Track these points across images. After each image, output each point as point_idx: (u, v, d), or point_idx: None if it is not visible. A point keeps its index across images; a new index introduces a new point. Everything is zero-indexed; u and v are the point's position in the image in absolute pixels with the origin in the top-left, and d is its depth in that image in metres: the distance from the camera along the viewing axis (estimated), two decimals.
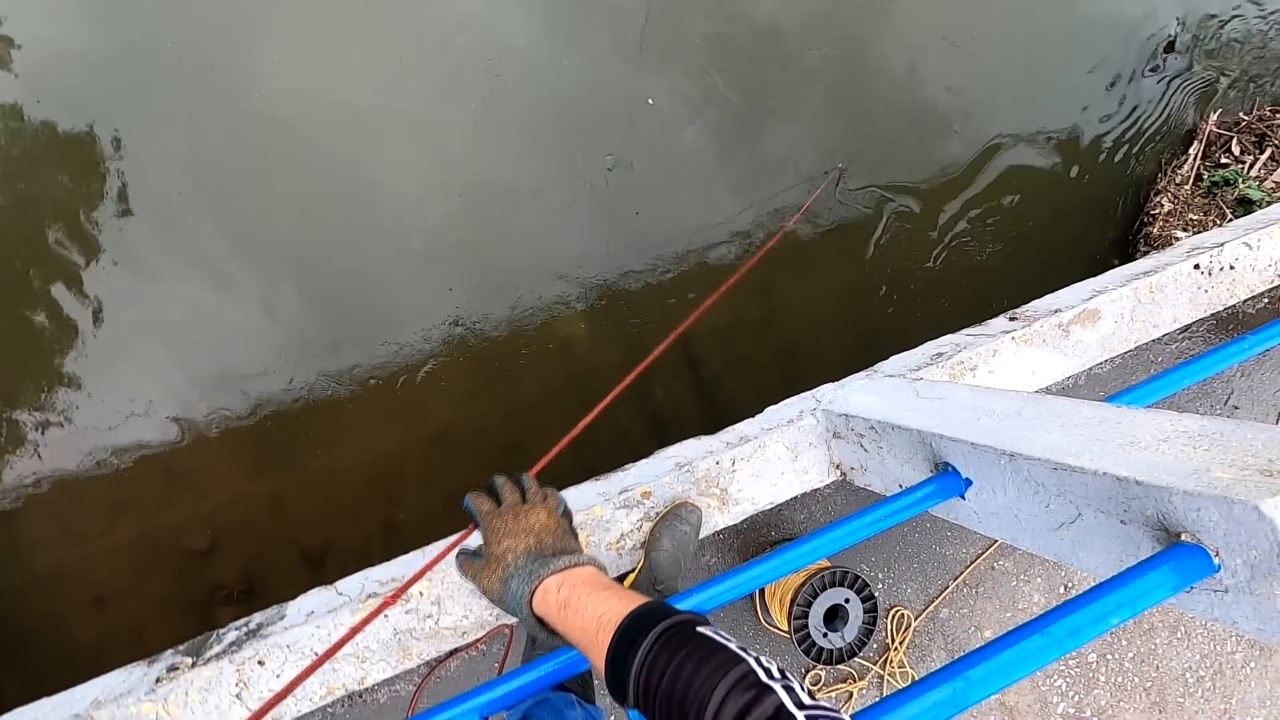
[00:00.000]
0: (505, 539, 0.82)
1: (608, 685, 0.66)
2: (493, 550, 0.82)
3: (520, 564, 0.79)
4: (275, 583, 2.56)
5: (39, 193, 2.41)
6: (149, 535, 2.51)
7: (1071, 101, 3.12)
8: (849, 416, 1.58)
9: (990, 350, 1.85)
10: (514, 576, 0.79)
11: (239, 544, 2.57)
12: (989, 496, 1.21)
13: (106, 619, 2.49)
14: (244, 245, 2.52)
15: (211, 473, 2.56)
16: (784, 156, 2.88)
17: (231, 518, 2.56)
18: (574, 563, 0.78)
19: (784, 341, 2.92)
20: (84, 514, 2.48)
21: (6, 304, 2.40)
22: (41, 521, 2.45)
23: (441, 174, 2.65)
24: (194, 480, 2.54)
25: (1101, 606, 0.81)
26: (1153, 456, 0.95)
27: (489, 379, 2.71)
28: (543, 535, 0.83)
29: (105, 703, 1.39)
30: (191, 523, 2.54)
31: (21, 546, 2.44)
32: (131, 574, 2.50)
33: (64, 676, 2.40)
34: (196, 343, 2.53)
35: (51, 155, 2.41)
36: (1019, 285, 3.05)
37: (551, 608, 0.74)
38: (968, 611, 1.94)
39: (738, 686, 0.54)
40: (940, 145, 3.01)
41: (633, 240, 2.79)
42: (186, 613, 2.54)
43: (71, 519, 2.47)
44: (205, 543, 2.55)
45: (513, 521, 0.84)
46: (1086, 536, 1.03)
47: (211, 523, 2.55)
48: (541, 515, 0.85)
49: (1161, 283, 2.01)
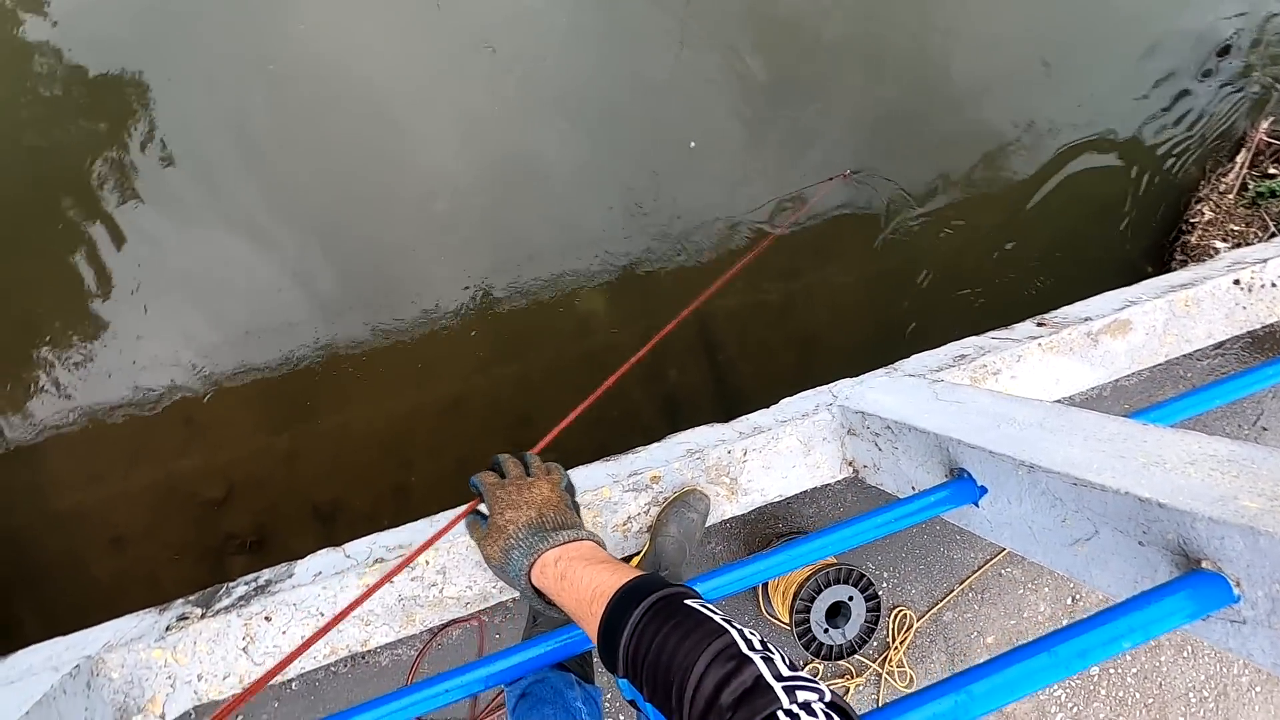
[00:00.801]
0: (508, 510, 0.84)
1: (600, 654, 0.68)
2: (495, 521, 0.84)
3: (521, 536, 0.81)
4: (286, 536, 2.61)
5: (77, 138, 2.43)
6: (166, 482, 2.56)
7: (1115, 102, 3.02)
8: (865, 414, 1.56)
9: (1014, 355, 1.81)
10: (515, 548, 0.81)
11: (253, 496, 2.61)
12: (1004, 506, 1.19)
13: (123, 560, 2.56)
14: (273, 202, 2.54)
15: (230, 425, 2.60)
16: (817, 146, 2.83)
17: (247, 470, 2.61)
18: (573, 537, 0.80)
19: (802, 329, 2.89)
20: (105, 457, 2.53)
21: (43, 245, 2.44)
22: (64, 461, 2.51)
23: (469, 144, 2.63)
24: (212, 431, 2.59)
25: (1113, 629, 0.79)
26: (1177, 479, 0.93)
27: (504, 350, 2.71)
28: (544, 508, 0.84)
29: (116, 646, 1.42)
30: (208, 472, 2.59)
31: (45, 484, 2.50)
32: (148, 518, 2.56)
33: (79, 612, 2.48)
34: (221, 296, 2.56)
35: (90, 102, 2.42)
36: (1046, 288, 2.99)
37: (550, 580, 0.77)
38: (971, 616, 1.93)
39: (719, 658, 0.55)
40: (973, 141, 2.94)
41: (656, 220, 2.77)
42: (199, 559, 2.59)
43: (93, 461, 2.53)
44: (221, 492, 2.59)
45: (516, 494, 0.86)
46: (1102, 555, 1.01)
47: (227, 474, 2.60)
48: (544, 489, 0.87)
49: (1198, 296, 1.95)
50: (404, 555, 1.50)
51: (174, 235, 2.49)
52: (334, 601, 1.48)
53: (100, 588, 2.54)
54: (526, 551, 0.79)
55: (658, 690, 0.59)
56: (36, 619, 2.53)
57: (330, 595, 1.48)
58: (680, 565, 1.52)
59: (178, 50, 2.44)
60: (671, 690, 0.57)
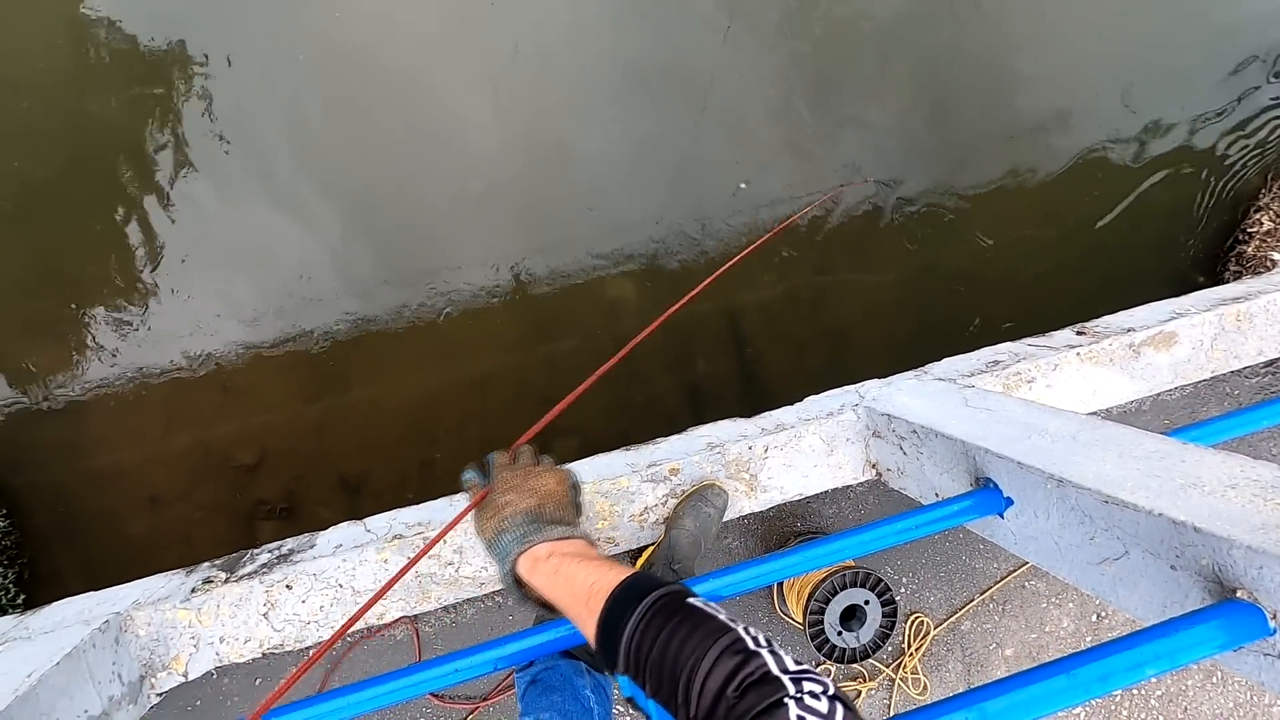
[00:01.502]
0: (510, 492, 0.83)
1: (599, 652, 0.67)
2: (495, 499, 0.83)
3: (516, 521, 0.80)
4: (314, 504, 2.67)
5: (133, 108, 2.49)
6: (202, 445, 2.64)
7: (1176, 103, 2.90)
8: (891, 417, 1.53)
9: (1051, 364, 1.76)
10: (507, 531, 0.80)
11: (284, 464, 2.68)
12: (1030, 519, 1.15)
13: (158, 519, 2.64)
14: (316, 179, 2.58)
15: (264, 393, 2.66)
16: (855, 137, 2.77)
17: (279, 438, 2.67)
18: (567, 534, 0.79)
19: (833, 325, 2.85)
20: (144, 418, 2.61)
21: (95, 211, 2.51)
22: (105, 421, 2.59)
23: (509, 126, 2.63)
24: (247, 398, 2.65)
25: (1138, 655, 0.76)
26: (1216, 503, 0.89)
27: (533, 332, 2.73)
28: (545, 500, 0.83)
29: (144, 604, 1.47)
30: (242, 438, 2.65)
31: (86, 442, 2.59)
32: (184, 480, 2.63)
33: (117, 567, 2.57)
34: (262, 268, 2.61)
35: (147, 75, 2.48)
36: (1090, 295, 2.90)
37: (541, 574, 0.75)
38: (991, 627, 1.89)
39: (726, 652, 0.56)
40: (1020, 137, 2.84)
41: (690, 208, 2.74)
42: (231, 522, 2.67)
43: (133, 422, 2.61)
44: (253, 458, 2.66)
45: (522, 478, 0.84)
46: (1130, 576, 0.97)
47: (260, 441, 2.66)
48: (550, 481, 0.86)
49: (1251, 311, 1.87)
50: (420, 533, 1.52)
51: (220, 207, 2.54)
52: (352, 574, 1.51)
53: (136, 545, 2.63)
54: (519, 538, 0.79)
55: (662, 686, 0.59)
56: (76, 572, 2.63)
57: (349, 568, 1.51)
58: (694, 560, 1.51)
59: (233, 28, 2.47)
60: (678, 685, 0.57)
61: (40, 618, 1.51)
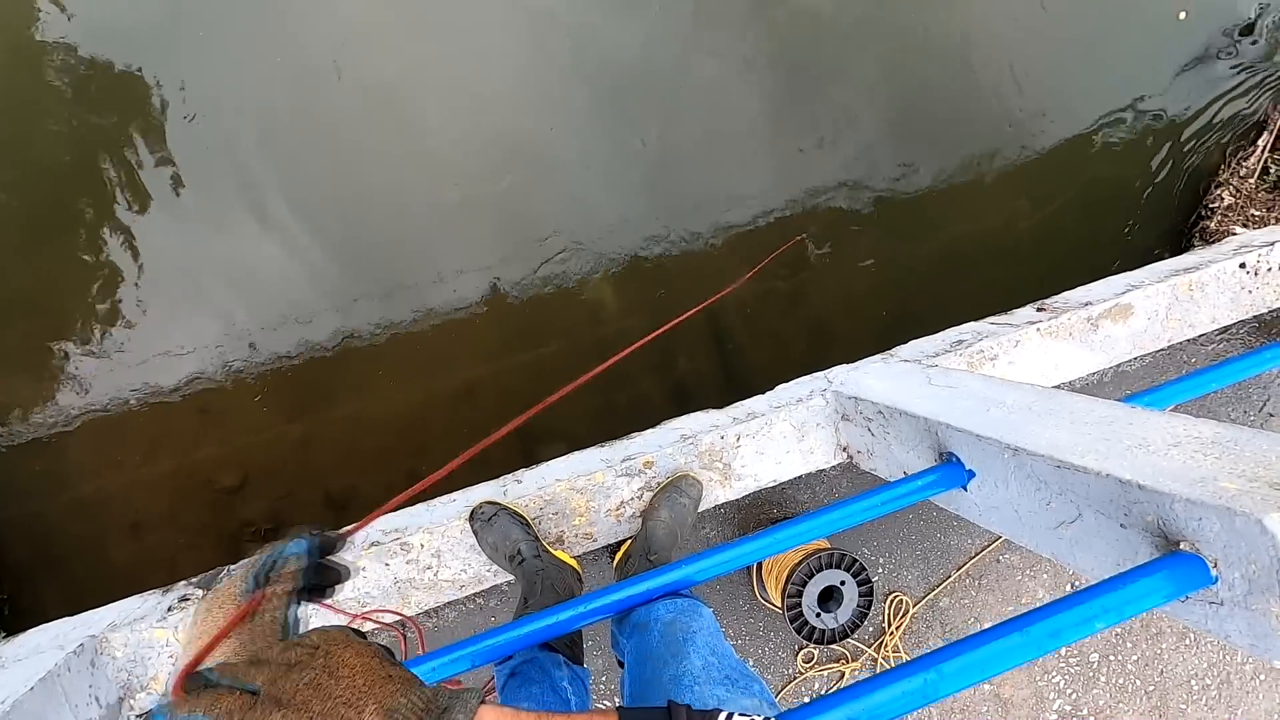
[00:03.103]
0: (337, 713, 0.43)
1: None
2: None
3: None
4: (301, 522, 2.64)
5: (91, 131, 2.46)
6: (184, 469, 2.60)
7: (1131, 82, 2.96)
8: (858, 399, 1.56)
9: (1012, 341, 1.80)
10: None
11: (268, 484, 2.65)
12: (991, 490, 1.18)
13: (142, 545, 2.61)
14: (287, 193, 2.56)
15: (244, 413, 2.63)
16: (827, 133, 2.81)
17: (261, 458, 2.64)
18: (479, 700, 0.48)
19: (813, 317, 2.88)
20: (124, 444, 2.58)
21: (61, 237, 2.48)
22: (84, 448, 2.56)
23: (482, 133, 2.64)
24: (227, 419, 2.62)
25: (1087, 610, 0.79)
26: (1160, 461, 0.92)
27: (515, 338, 2.73)
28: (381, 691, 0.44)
29: (120, 626, 1.46)
30: (224, 460, 2.63)
31: (67, 470, 2.55)
32: (167, 504, 2.60)
33: (102, 595, 2.51)
34: (233, 287, 2.58)
35: (108, 95, 2.45)
36: (1059, 276, 2.96)
37: None
38: (968, 602, 1.93)
39: None
40: (985, 121, 2.90)
41: (665, 210, 2.77)
42: (216, 545, 2.64)
43: (112, 448, 2.57)
44: (236, 480, 2.63)
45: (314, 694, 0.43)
46: (1085, 538, 1.00)
47: (243, 461, 2.64)
48: (348, 656, 0.47)
49: (1203, 280, 1.92)
50: (397, 539, 1.52)
51: (189, 226, 2.52)
52: None
53: (121, 572, 2.59)
54: None
55: None
56: (60, 602, 2.58)
57: None
58: (670, 550, 1.53)
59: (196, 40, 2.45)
60: None
61: (14, 645, 1.49)
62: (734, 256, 2.79)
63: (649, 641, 1.11)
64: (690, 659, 1.02)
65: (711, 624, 1.16)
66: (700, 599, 1.24)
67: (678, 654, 1.04)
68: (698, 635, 1.09)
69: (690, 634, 1.09)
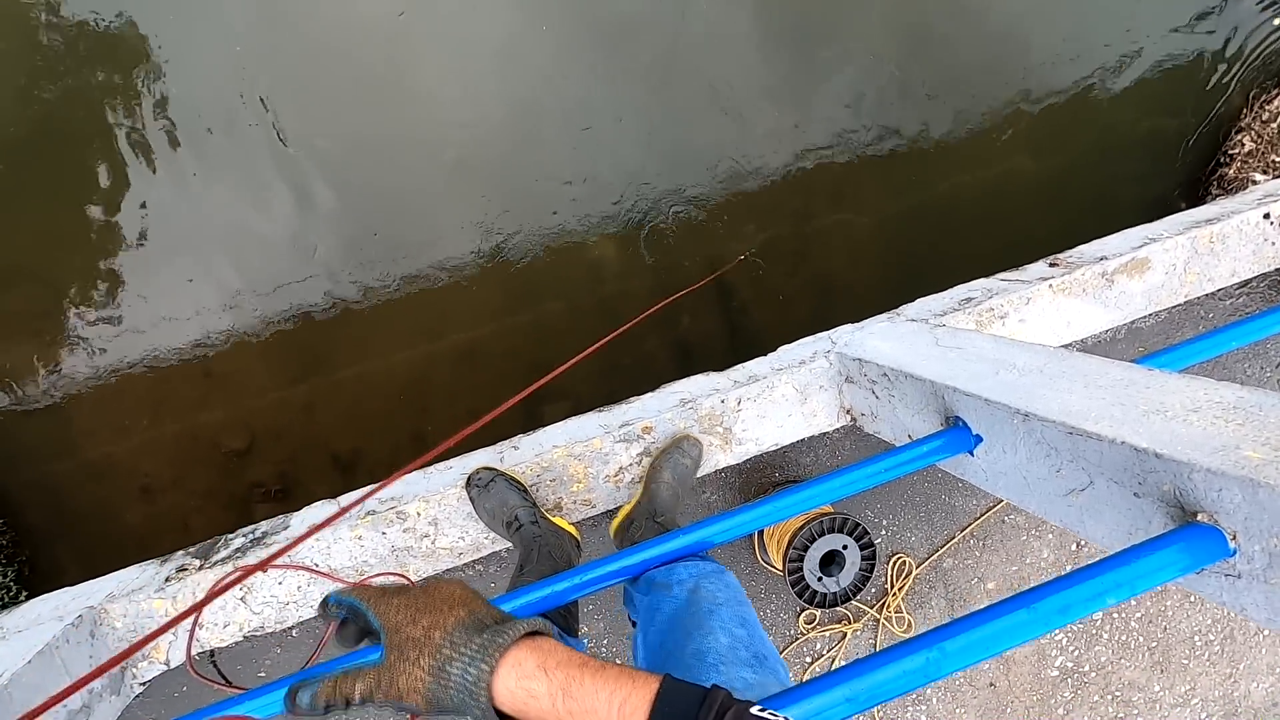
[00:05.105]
0: (421, 616, 0.61)
1: None
2: (407, 634, 0.60)
3: (458, 640, 0.59)
4: (309, 484, 2.66)
5: (90, 89, 2.39)
6: (190, 433, 2.61)
7: (1151, 23, 2.82)
8: (863, 361, 1.51)
9: (1023, 298, 1.73)
10: (453, 660, 0.58)
11: (274, 446, 2.66)
12: (999, 455, 1.15)
13: (154, 507, 2.63)
14: (287, 154, 2.51)
15: (248, 377, 2.63)
16: (835, 84, 2.70)
17: (267, 421, 2.65)
18: (533, 627, 0.60)
19: (819, 273, 2.82)
20: (129, 409, 2.58)
21: (64, 200, 2.44)
22: (91, 414, 2.56)
23: (482, 88, 2.56)
24: (231, 383, 2.62)
25: (1099, 584, 0.76)
26: (1178, 427, 0.87)
27: (517, 298, 2.69)
28: (472, 603, 0.63)
29: (119, 596, 1.45)
30: (230, 423, 2.63)
31: (75, 436, 2.56)
32: (176, 468, 2.62)
33: (116, 558, 2.55)
34: (232, 250, 2.55)
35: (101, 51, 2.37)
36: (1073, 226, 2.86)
37: (544, 699, 0.57)
38: (973, 563, 1.91)
39: None
40: (997, 68, 2.77)
41: (667, 166, 2.69)
42: (227, 506, 2.66)
43: (118, 413, 2.58)
44: (243, 443, 2.63)
45: (422, 596, 0.63)
46: (1096, 506, 0.97)
47: (249, 424, 2.64)
48: (453, 587, 0.65)
49: (1224, 232, 1.84)
50: (393, 507, 1.51)
51: (188, 188, 2.47)
52: (327, 553, 1.50)
53: (134, 534, 2.62)
54: (476, 656, 0.58)
55: None
56: (78, 565, 2.62)
57: (324, 547, 1.49)
58: (675, 511, 1.51)
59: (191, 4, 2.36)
60: None
61: (15, 616, 1.49)
62: (738, 212, 2.72)
63: (670, 605, 1.05)
64: (716, 635, 0.95)
65: (737, 592, 1.09)
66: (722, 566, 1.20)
67: (701, 626, 0.97)
68: (723, 608, 1.02)
69: (716, 605, 1.03)
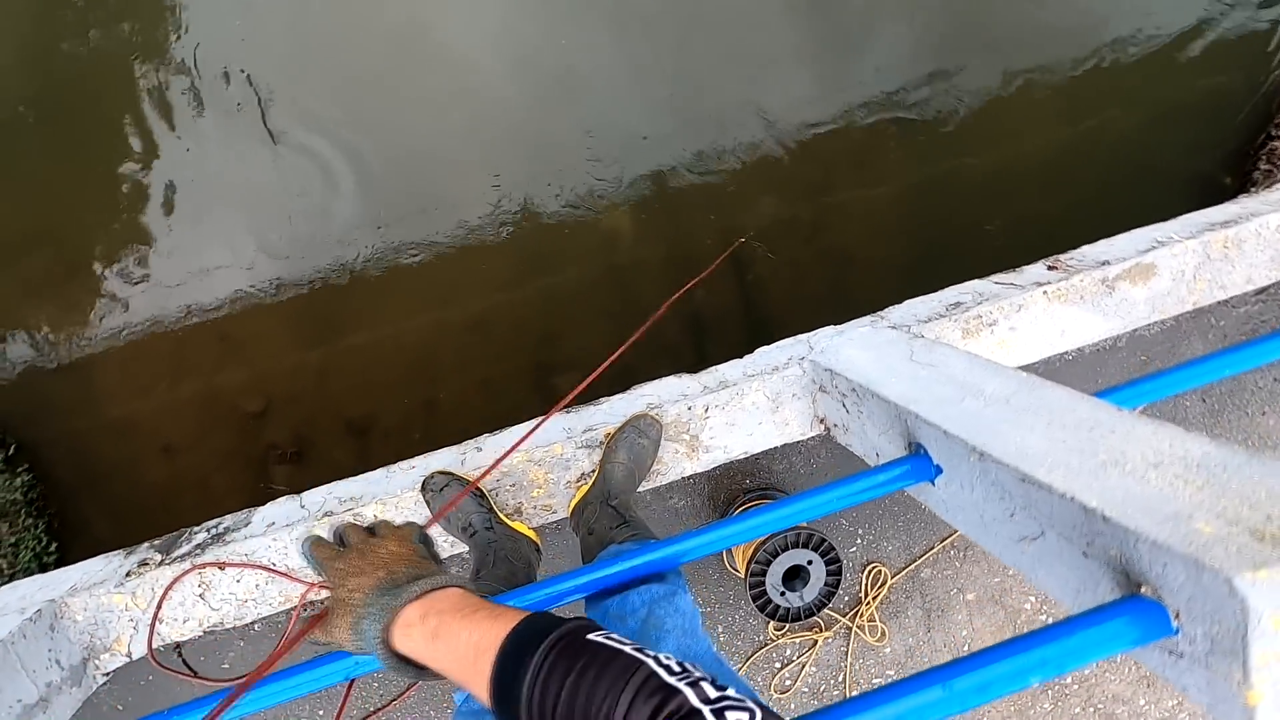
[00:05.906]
0: (350, 579, 0.71)
1: (497, 714, 0.60)
2: (338, 595, 0.71)
3: (369, 601, 0.68)
4: (324, 447, 2.70)
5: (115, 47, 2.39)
6: (208, 395, 2.65)
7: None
8: (834, 373, 1.44)
9: (1015, 304, 1.64)
10: (365, 618, 0.68)
11: (290, 410, 2.70)
12: (957, 490, 1.08)
13: (175, 466, 2.69)
14: (306, 120, 2.50)
15: (263, 341, 2.67)
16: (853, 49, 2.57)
17: (282, 385, 2.69)
18: (432, 585, 0.68)
19: (836, 246, 2.73)
20: (149, 371, 2.63)
21: (92, 157, 2.45)
22: (112, 373, 2.63)
23: (496, 54, 2.51)
24: (247, 347, 2.65)
25: (1026, 660, 0.71)
26: (1133, 485, 0.81)
27: (529, 268, 2.68)
28: (394, 565, 0.72)
29: (80, 590, 1.47)
30: (246, 387, 2.68)
31: (97, 395, 2.63)
32: (195, 428, 2.67)
33: (141, 513, 2.62)
34: (249, 215, 2.56)
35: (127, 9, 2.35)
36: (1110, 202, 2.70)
37: (418, 642, 0.65)
38: (952, 574, 1.86)
39: (642, 691, 0.51)
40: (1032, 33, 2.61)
41: (682, 134, 2.63)
42: (245, 466, 2.71)
43: (138, 374, 2.63)
44: (259, 406, 2.67)
45: (358, 560, 0.73)
46: (1047, 558, 0.91)
47: (265, 388, 2.68)
48: (391, 545, 0.74)
49: (1240, 236, 1.72)
50: (351, 509, 1.49)
51: (209, 151, 2.48)
52: (285, 553, 1.49)
53: (157, 491, 2.69)
54: (379, 615, 0.67)
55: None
56: (104, 519, 2.70)
57: (280, 547, 1.49)
58: (630, 493, 1.47)
59: None
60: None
61: None
62: (753, 181, 2.63)
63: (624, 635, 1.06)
64: None
65: (687, 617, 1.09)
66: (680, 582, 1.18)
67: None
68: (670, 635, 1.03)
69: (664, 632, 1.04)
